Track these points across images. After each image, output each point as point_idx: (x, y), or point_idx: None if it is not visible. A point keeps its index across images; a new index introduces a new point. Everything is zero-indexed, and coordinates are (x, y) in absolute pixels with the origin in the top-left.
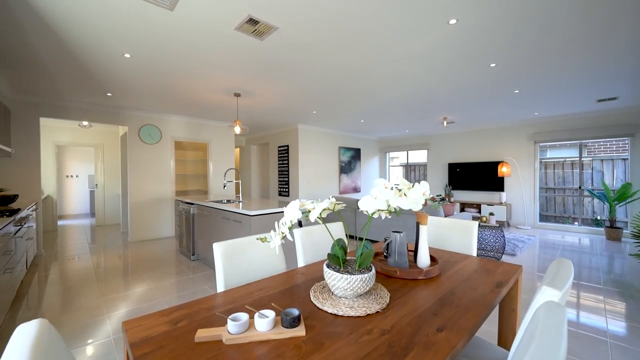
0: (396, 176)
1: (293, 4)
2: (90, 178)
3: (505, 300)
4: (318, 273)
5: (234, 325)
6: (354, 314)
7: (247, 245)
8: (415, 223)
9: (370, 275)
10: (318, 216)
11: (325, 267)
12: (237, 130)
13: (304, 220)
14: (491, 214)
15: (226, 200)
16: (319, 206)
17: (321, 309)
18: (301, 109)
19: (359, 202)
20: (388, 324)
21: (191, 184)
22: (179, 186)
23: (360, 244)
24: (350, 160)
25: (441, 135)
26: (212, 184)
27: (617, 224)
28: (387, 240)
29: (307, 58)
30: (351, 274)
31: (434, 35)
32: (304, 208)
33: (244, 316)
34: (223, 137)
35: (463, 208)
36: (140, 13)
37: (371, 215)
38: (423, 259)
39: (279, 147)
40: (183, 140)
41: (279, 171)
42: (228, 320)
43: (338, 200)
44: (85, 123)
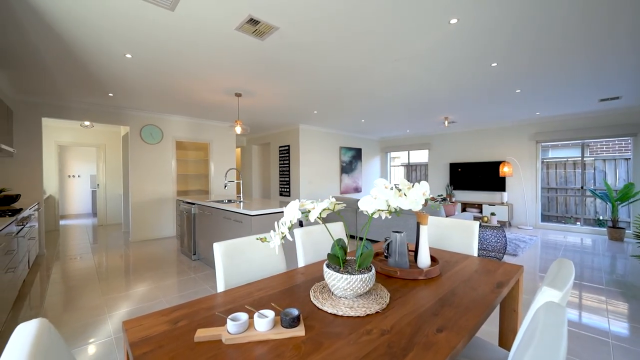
0: (397, 176)
1: (293, 4)
2: (92, 178)
3: (506, 301)
4: (318, 273)
5: (234, 325)
6: (353, 314)
7: (248, 245)
8: (416, 223)
9: (370, 275)
10: (318, 216)
11: (325, 267)
12: (238, 130)
13: (304, 220)
14: (492, 214)
15: (227, 200)
16: (318, 206)
17: (321, 309)
18: (302, 109)
19: (359, 202)
20: (388, 324)
21: (192, 184)
22: (180, 186)
23: (360, 244)
24: (352, 160)
25: (442, 135)
26: (213, 184)
27: (620, 224)
28: (388, 240)
29: (308, 58)
30: (351, 274)
31: (434, 35)
32: (304, 208)
33: (243, 316)
34: (224, 137)
35: (464, 208)
36: (141, 13)
37: (371, 215)
38: (423, 259)
39: (280, 147)
40: (184, 140)
41: (280, 171)
42: (228, 320)
43: (339, 200)
44: (87, 123)
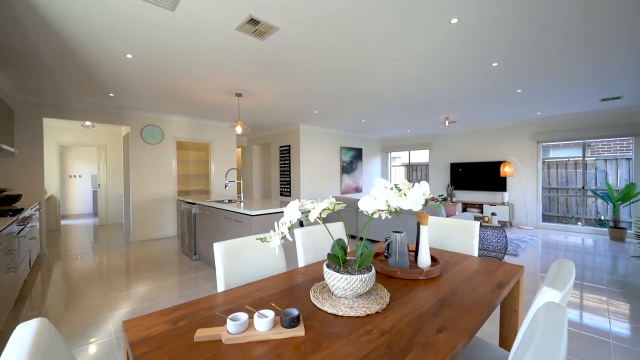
0: (398, 176)
1: (294, 4)
2: (93, 178)
3: (507, 301)
4: (318, 273)
5: (233, 325)
6: (353, 314)
7: (248, 245)
8: (416, 223)
9: (370, 275)
10: (318, 216)
11: (325, 267)
12: (239, 130)
13: (304, 221)
14: (493, 214)
15: (228, 200)
16: (318, 206)
17: (321, 309)
18: (302, 109)
19: (359, 202)
20: (388, 325)
21: (193, 184)
22: (181, 186)
23: (360, 244)
24: (352, 160)
25: (443, 135)
26: (214, 184)
27: (621, 225)
28: (388, 240)
29: (308, 58)
30: (351, 274)
31: (435, 34)
32: (304, 208)
33: (243, 316)
34: (225, 137)
35: (465, 208)
36: (142, 14)
37: (371, 215)
38: (424, 259)
39: (281, 147)
40: (185, 140)
41: (281, 171)
42: (227, 320)
43: (339, 200)
44: (88, 123)
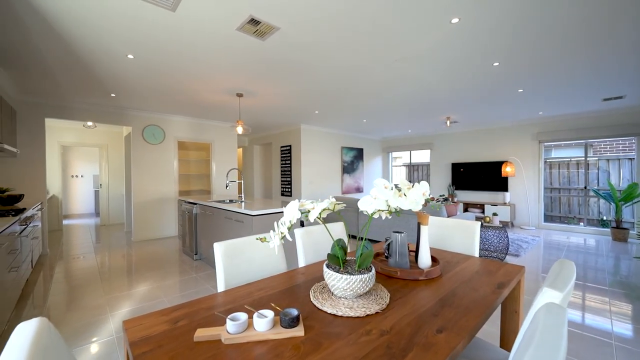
0: (399, 176)
1: (294, 4)
2: (95, 178)
3: (508, 302)
4: (318, 273)
5: (233, 325)
6: (353, 314)
7: (248, 245)
8: (417, 223)
9: (370, 275)
10: (317, 216)
11: (325, 267)
12: (240, 130)
13: (305, 221)
14: (494, 214)
15: (229, 200)
16: (318, 206)
17: (321, 309)
18: (303, 109)
19: (359, 203)
20: (387, 325)
21: (194, 183)
22: (182, 186)
23: (360, 244)
24: (353, 160)
25: (444, 135)
26: (215, 183)
27: (624, 225)
28: (388, 240)
29: (309, 58)
30: (351, 275)
31: (436, 34)
32: (304, 208)
33: (242, 316)
34: (226, 137)
35: (466, 208)
36: (143, 14)
37: (371, 216)
38: (424, 260)
39: (282, 147)
40: (186, 141)
41: (282, 171)
42: (227, 320)
43: (340, 200)
44: (89, 123)
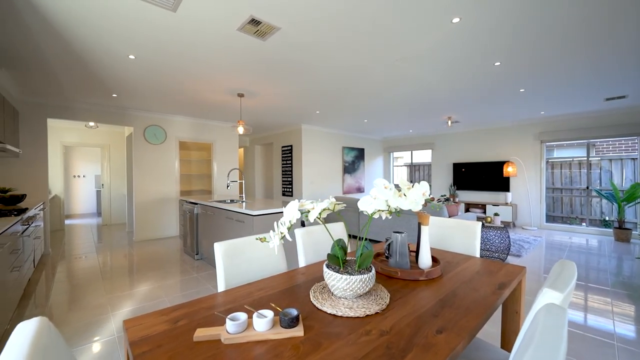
0: (400, 176)
1: (294, 4)
2: (97, 178)
3: (509, 302)
4: (318, 273)
5: (233, 325)
6: (353, 314)
7: (248, 245)
8: (418, 223)
9: (369, 276)
10: (317, 216)
11: (324, 268)
12: (241, 130)
13: (305, 221)
14: (496, 214)
15: (230, 200)
16: (318, 206)
17: (320, 310)
18: (304, 109)
19: (359, 203)
20: (387, 325)
21: (195, 184)
22: (184, 186)
23: (360, 244)
24: (354, 160)
25: (446, 135)
26: (216, 184)
27: (626, 225)
28: (388, 240)
29: (309, 58)
30: (351, 275)
31: (436, 34)
32: (304, 208)
33: (242, 316)
34: (227, 138)
35: (468, 208)
36: (144, 15)
37: (371, 216)
38: (424, 260)
39: (283, 147)
40: (187, 141)
41: (283, 171)
42: (227, 320)
43: (341, 200)
44: (91, 124)
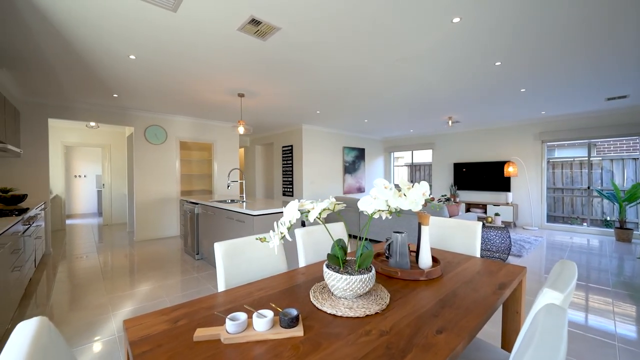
0: (401, 176)
1: (294, 4)
2: (98, 178)
3: (509, 302)
4: (318, 273)
5: (232, 325)
6: (353, 314)
7: (248, 245)
8: (418, 223)
9: (369, 276)
10: (317, 216)
11: (324, 268)
12: (241, 130)
13: (305, 220)
14: (497, 214)
15: (230, 200)
16: (318, 206)
17: (320, 310)
18: (305, 109)
19: (359, 203)
20: (387, 325)
21: (196, 183)
22: (184, 186)
23: (360, 244)
24: (355, 160)
25: (446, 135)
26: (217, 183)
27: (628, 225)
28: (389, 240)
29: (309, 58)
30: (350, 275)
31: (436, 34)
32: (304, 208)
33: (242, 316)
34: (227, 138)
35: (469, 208)
36: (144, 15)
37: (371, 216)
38: (425, 260)
39: (283, 147)
40: (188, 141)
41: (283, 171)
42: (226, 320)
43: (341, 200)
44: (92, 124)
